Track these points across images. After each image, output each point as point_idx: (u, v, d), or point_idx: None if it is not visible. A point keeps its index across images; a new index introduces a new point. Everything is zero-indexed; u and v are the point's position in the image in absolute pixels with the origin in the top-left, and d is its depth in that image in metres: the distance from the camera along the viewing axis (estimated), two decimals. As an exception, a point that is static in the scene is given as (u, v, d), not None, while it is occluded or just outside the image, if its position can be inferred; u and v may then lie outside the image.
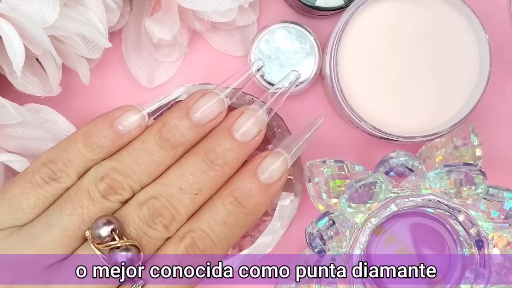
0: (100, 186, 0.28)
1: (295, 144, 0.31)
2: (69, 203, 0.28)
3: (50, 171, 0.28)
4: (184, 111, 0.29)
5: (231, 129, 0.29)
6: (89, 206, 0.27)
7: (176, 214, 0.28)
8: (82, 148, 0.29)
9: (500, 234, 0.34)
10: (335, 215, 0.34)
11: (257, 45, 0.40)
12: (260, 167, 0.29)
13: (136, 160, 0.29)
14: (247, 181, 0.29)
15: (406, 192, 0.35)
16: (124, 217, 0.28)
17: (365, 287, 0.34)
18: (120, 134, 0.29)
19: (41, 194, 0.28)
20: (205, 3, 0.35)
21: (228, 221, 0.28)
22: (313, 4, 0.39)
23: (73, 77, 0.41)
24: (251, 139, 0.29)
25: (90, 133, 0.29)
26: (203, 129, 0.29)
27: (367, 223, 0.33)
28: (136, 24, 0.40)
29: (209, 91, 0.30)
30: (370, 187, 0.33)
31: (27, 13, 0.30)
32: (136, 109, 0.30)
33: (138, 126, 0.29)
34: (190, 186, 0.28)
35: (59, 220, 0.27)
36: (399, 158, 0.34)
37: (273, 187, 0.29)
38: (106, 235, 0.26)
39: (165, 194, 0.28)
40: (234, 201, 0.28)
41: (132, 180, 0.28)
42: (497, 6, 0.42)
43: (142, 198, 0.28)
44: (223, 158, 0.29)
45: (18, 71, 0.30)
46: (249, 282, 0.42)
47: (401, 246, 0.37)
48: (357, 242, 0.33)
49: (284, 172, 0.30)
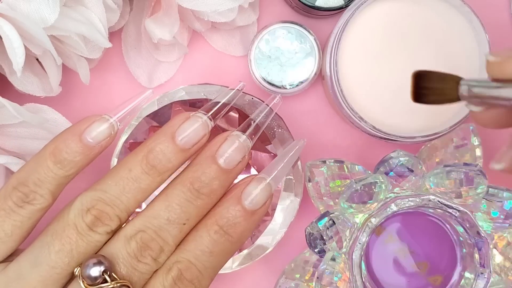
0: (87, 219, 0.27)
1: (277, 167, 0.30)
2: (57, 239, 0.27)
3: (22, 194, 0.27)
4: (169, 136, 0.29)
5: (215, 157, 0.29)
6: (77, 241, 0.27)
7: (164, 245, 0.28)
8: (52, 166, 0.28)
9: (500, 234, 0.34)
10: (335, 215, 0.34)
11: (257, 45, 0.40)
12: (244, 193, 0.29)
13: (123, 189, 0.28)
14: (231, 209, 0.28)
15: (406, 192, 0.35)
16: (113, 254, 0.27)
17: (365, 287, 0.34)
18: (90, 146, 0.28)
19: (17, 220, 0.27)
20: (205, 3, 0.35)
21: (214, 250, 0.28)
22: (313, 4, 0.39)
23: (73, 77, 0.41)
24: (235, 165, 0.29)
25: (58, 149, 0.28)
26: (188, 152, 0.29)
27: (367, 223, 0.33)
28: (136, 24, 0.40)
29: (192, 115, 0.29)
30: (370, 187, 0.33)
31: (27, 13, 0.30)
32: (103, 118, 0.29)
33: (108, 136, 0.29)
34: (178, 217, 0.28)
35: (47, 258, 0.27)
36: (399, 158, 0.34)
37: (257, 213, 0.29)
38: (97, 275, 0.26)
39: (153, 226, 0.28)
40: (220, 230, 0.28)
41: (119, 209, 0.28)
42: (497, 6, 0.43)
43: (130, 232, 0.28)
44: (209, 186, 0.28)
45: (18, 71, 0.30)
46: (249, 282, 0.42)
47: (401, 246, 0.37)
48: (357, 242, 0.33)
49: (268, 197, 0.29)
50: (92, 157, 0.29)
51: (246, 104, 0.37)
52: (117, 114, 0.29)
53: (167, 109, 0.37)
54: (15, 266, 0.27)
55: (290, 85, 0.40)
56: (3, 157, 0.33)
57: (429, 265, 0.36)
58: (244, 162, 0.29)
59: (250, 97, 0.37)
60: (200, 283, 0.28)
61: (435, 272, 0.36)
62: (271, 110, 0.31)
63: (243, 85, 0.31)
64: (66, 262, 0.27)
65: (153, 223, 0.28)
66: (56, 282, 0.27)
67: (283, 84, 0.40)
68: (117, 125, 0.29)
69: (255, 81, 0.40)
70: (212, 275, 0.29)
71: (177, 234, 0.28)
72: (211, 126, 0.30)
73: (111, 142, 0.29)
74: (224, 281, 0.42)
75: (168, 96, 0.37)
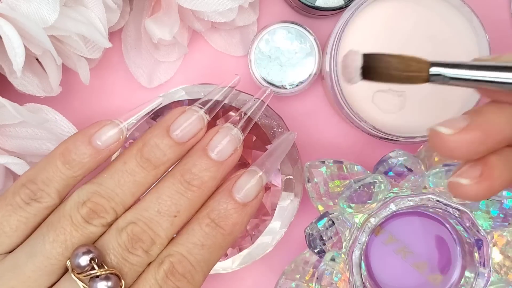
0: (83, 211, 0.27)
1: (269, 160, 0.30)
2: (52, 230, 0.27)
3: (30, 191, 0.28)
4: (164, 130, 0.29)
5: (206, 149, 0.29)
6: (72, 232, 0.27)
7: (156, 237, 0.28)
8: (61, 166, 0.28)
9: (500, 233, 0.34)
10: (334, 215, 0.34)
11: (257, 45, 0.40)
12: (235, 186, 0.29)
13: (118, 182, 0.28)
14: (223, 201, 0.28)
15: (405, 192, 0.35)
16: (104, 245, 0.27)
17: (365, 287, 0.34)
18: (99, 149, 0.29)
19: (23, 216, 0.28)
20: (205, 3, 0.35)
21: (206, 243, 0.28)
22: (313, 4, 0.39)
23: (73, 77, 0.41)
24: (227, 157, 0.29)
25: (68, 150, 0.28)
26: (184, 146, 0.29)
27: (367, 223, 0.33)
28: (136, 24, 0.40)
29: (188, 108, 0.30)
30: (369, 187, 0.33)
31: (27, 13, 0.30)
32: (114, 123, 0.29)
33: (117, 140, 0.29)
34: (168, 209, 0.28)
35: (42, 248, 0.27)
36: (398, 158, 0.34)
37: (249, 206, 0.29)
38: (85, 264, 0.26)
39: (143, 218, 0.28)
40: (211, 223, 0.28)
41: (114, 202, 0.28)
42: (497, 6, 0.42)
43: (121, 224, 0.28)
44: (199, 178, 0.28)
45: (18, 71, 0.30)
46: (249, 282, 0.42)
47: (400, 246, 0.37)
48: (356, 242, 0.33)
49: (260, 190, 0.29)
50: (100, 160, 0.29)
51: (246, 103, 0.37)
52: (127, 119, 0.30)
53: (167, 109, 0.37)
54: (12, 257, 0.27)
55: (290, 85, 0.40)
56: (3, 157, 0.33)
57: (428, 264, 0.36)
58: (237, 154, 0.29)
59: (250, 97, 0.37)
60: (193, 277, 0.28)
61: (435, 272, 0.37)
62: (262, 102, 0.31)
63: (238, 79, 0.31)
64: (60, 253, 0.27)
65: (144, 215, 0.28)
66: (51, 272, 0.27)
67: (283, 84, 0.40)
68: (126, 131, 0.30)
69: (255, 81, 0.40)
70: (205, 269, 0.28)
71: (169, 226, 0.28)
72: (207, 120, 0.30)
73: (120, 146, 0.30)
74: (224, 281, 0.42)
75: (168, 96, 0.37)
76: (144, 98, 0.42)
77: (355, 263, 0.33)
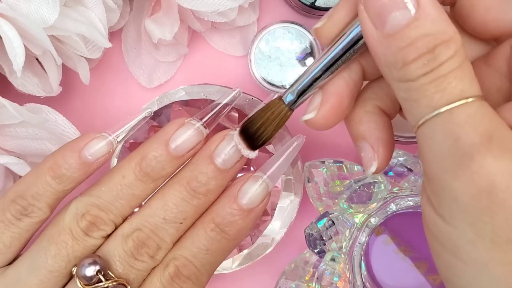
0: (82, 224, 0.27)
1: (275, 166, 0.30)
2: (53, 244, 0.27)
3: (21, 207, 0.28)
4: (162, 143, 0.29)
5: (212, 157, 0.29)
6: (73, 246, 0.27)
7: (161, 243, 0.28)
8: (51, 181, 0.28)
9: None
10: (334, 215, 0.34)
11: (257, 45, 0.40)
12: (240, 192, 0.29)
13: (117, 195, 0.28)
14: (228, 207, 0.28)
15: (405, 192, 0.35)
16: (110, 252, 0.28)
17: (365, 287, 0.34)
18: (89, 162, 0.29)
19: (15, 232, 0.28)
20: (205, 3, 0.35)
21: (211, 248, 0.28)
22: (313, 4, 0.39)
23: (73, 77, 0.41)
24: (232, 165, 0.29)
25: (57, 164, 0.28)
26: (182, 159, 0.29)
27: (367, 223, 0.33)
28: (136, 24, 0.40)
29: (186, 122, 0.29)
30: (369, 187, 0.33)
31: (27, 13, 0.30)
32: (102, 136, 0.29)
33: (107, 153, 0.29)
34: (174, 216, 0.28)
35: (44, 263, 0.27)
36: (398, 158, 0.34)
37: (254, 211, 0.29)
38: (91, 275, 0.26)
39: (149, 225, 0.28)
40: (216, 228, 0.28)
41: (113, 215, 0.28)
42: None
43: (127, 231, 0.28)
44: (205, 186, 0.28)
45: (18, 71, 0.30)
46: (249, 282, 0.42)
47: (400, 246, 0.37)
48: (356, 242, 0.33)
49: (265, 196, 0.29)
50: (90, 172, 0.29)
51: (246, 104, 0.37)
52: (115, 131, 0.30)
53: (167, 109, 0.37)
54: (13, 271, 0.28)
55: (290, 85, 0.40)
56: (3, 157, 0.33)
57: (428, 264, 0.36)
58: (242, 161, 0.29)
59: (250, 97, 0.37)
60: (198, 279, 0.28)
61: (435, 271, 0.36)
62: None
63: (239, 92, 0.31)
64: (63, 266, 0.27)
65: (149, 222, 0.28)
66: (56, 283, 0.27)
67: (283, 84, 0.40)
68: (115, 143, 0.30)
69: (255, 81, 0.40)
70: (210, 271, 0.29)
71: (174, 232, 0.28)
72: (205, 133, 0.29)
73: (109, 158, 0.30)
74: (224, 281, 0.42)
75: (168, 96, 0.37)
76: (144, 98, 0.42)
77: (355, 263, 0.33)
